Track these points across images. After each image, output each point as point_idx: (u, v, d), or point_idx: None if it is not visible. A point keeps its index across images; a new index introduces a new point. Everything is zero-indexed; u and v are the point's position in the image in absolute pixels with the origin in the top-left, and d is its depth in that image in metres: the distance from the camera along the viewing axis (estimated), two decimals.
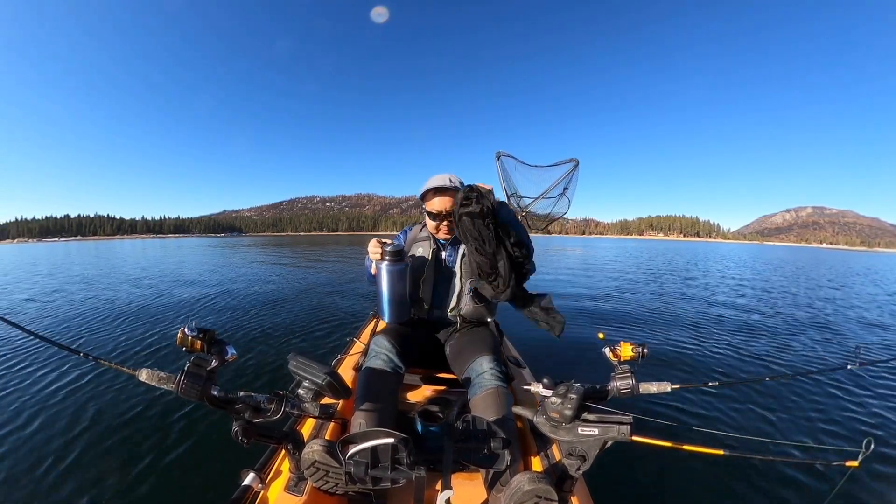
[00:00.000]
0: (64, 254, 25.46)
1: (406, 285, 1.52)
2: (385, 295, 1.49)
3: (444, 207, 1.56)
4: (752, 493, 1.96)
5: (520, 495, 0.89)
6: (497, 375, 1.35)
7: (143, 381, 0.92)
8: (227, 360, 0.96)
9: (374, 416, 1.22)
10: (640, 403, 2.61)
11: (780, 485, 2.00)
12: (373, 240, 1.52)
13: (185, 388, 0.88)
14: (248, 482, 1.06)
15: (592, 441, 0.91)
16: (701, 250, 35.01)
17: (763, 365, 3.90)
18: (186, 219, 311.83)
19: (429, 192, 1.58)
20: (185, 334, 0.92)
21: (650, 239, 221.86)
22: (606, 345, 1.05)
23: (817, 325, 5.78)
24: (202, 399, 0.91)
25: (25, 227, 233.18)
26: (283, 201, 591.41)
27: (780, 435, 2.50)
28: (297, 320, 5.27)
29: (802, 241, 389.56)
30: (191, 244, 43.52)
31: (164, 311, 5.84)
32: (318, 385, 1.00)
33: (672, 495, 1.96)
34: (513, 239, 1.30)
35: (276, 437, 1.03)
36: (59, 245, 61.24)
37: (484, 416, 1.22)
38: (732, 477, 2.06)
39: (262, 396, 0.97)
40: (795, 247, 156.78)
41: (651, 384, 1.01)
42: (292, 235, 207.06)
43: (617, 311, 6.35)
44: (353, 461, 0.91)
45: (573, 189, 2.23)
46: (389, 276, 1.46)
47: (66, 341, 4.30)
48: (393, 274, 1.45)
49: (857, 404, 2.94)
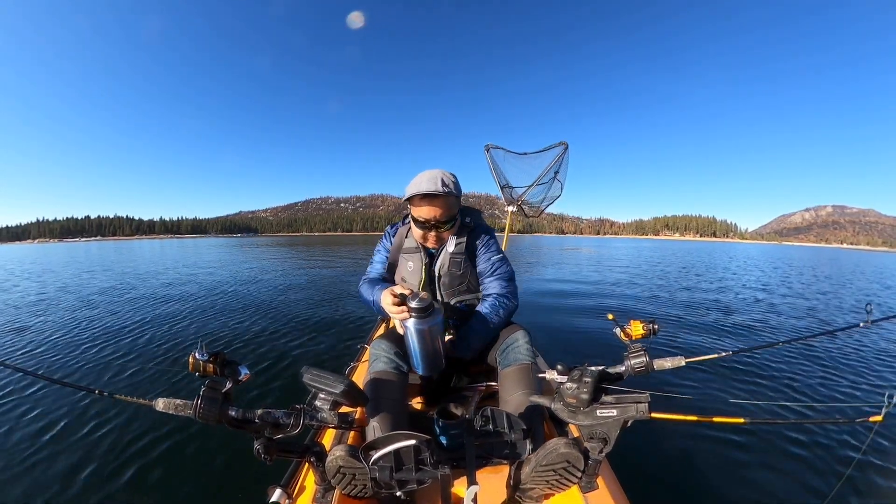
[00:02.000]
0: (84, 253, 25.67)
1: (441, 337, 1.29)
2: (418, 353, 1.28)
3: (434, 216, 1.37)
4: (779, 457, 1.95)
5: (554, 455, 0.91)
6: (530, 351, 1.36)
7: (160, 411, 0.92)
8: (241, 380, 0.96)
9: (386, 420, 1.21)
10: (655, 381, 2.60)
11: (806, 447, 2.00)
12: (385, 292, 1.27)
13: (203, 413, 0.88)
14: (276, 499, 1.06)
15: (612, 422, 0.91)
16: (716, 251, 34.03)
17: (775, 331, 3.89)
18: (203, 219, 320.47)
19: (415, 197, 1.37)
20: (195, 359, 0.92)
21: (665, 239, 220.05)
22: (616, 325, 1.05)
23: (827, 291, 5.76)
24: (221, 422, 0.91)
25: (47, 228, 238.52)
26: (298, 202, 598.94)
27: (799, 398, 2.50)
28: (306, 330, 5.26)
29: (822, 242, 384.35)
30: (207, 244, 43.92)
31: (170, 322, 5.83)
32: (334, 395, 1.00)
33: (697, 468, 1.96)
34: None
35: (298, 451, 1.03)
36: (80, 245, 61.39)
37: (515, 388, 1.24)
38: (757, 444, 2.05)
39: (280, 412, 0.97)
40: (814, 247, 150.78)
41: (665, 360, 1.01)
42: (307, 236, 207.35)
43: (625, 295, 6.34)
44: (377, 466, 0.92)
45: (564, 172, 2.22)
46: (420, 336, 1.23)
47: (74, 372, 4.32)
48: (424, 333, 1.22)
49: (872, 361, 2.93)
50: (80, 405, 3.33)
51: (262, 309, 7.12)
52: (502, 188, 3.69)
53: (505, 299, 1.46)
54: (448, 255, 1.47)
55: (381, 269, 1.62)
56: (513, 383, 1.27)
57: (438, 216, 1.38)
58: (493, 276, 1.50)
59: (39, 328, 5.53)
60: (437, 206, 1.37)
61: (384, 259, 1.63)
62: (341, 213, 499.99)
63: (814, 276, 7.52)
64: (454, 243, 1.48)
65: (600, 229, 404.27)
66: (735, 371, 2.88)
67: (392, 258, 1.60)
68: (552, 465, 0.92)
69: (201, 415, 0.88)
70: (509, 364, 1.34)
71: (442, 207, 1.38)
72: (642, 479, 1.85)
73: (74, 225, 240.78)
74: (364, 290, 1.56)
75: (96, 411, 3.17)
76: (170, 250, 25.78)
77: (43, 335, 5.26)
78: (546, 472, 0.93)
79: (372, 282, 1.57)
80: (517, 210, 3.73)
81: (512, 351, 1.37)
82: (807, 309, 4.75)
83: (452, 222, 1.46)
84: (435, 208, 1.37)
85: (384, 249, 1.64)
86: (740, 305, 5.13)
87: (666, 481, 1.91)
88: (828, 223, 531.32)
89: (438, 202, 1.37)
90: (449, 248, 1.48)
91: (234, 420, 0.93)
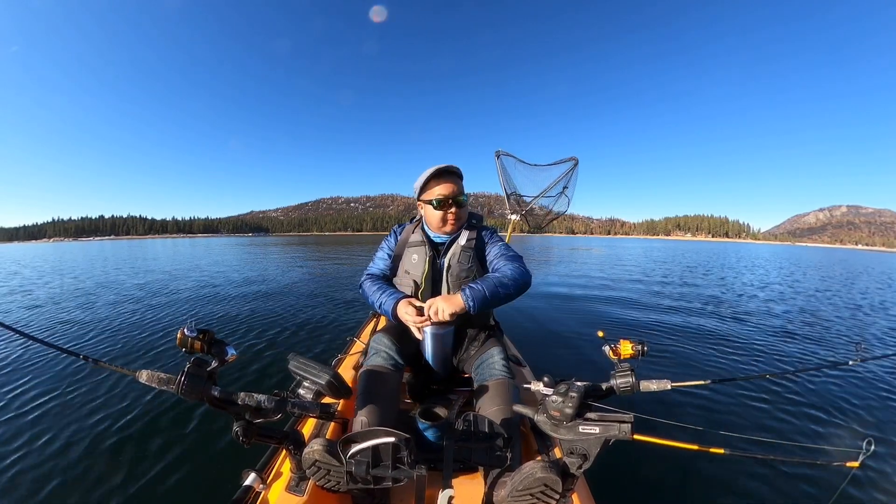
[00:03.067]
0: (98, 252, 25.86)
1: (452, 340, 1.47)
2: (431, 357, 1.46)
3: (451, 191, 1.47)
4: (753, 492, 1.96)
5: (531, 480, 0.90)
6: (506, 367, 1.38)
7: (143, 383, 0.91)
8: (227, 360, 0.96)
9: (375, 416, 1.21)
10: (641, 402, 2.61)
11: (780, 484, 2.00)
12: (403, 302, 1.38)
13: (186, 390, 0.88)
14: (250, 482, 1.06)
15: (593, 439, 0.91)
16: (726, 252, 33.15)
17: (764, 362, 3.90)
18: (215, 219, 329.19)
19: (430, 179, 1.47)
20: (184, 335, 0.92)
21: (676, 239, 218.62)
22: (606, 343, 1.05)
23: (820, 322, 5.79)
24: (202, 399, 0.91)
25: (62, 227, 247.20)
26: (309, 202, 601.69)
27: (780, 433, 2.51)
28: (297, 320, 5.27)
29: (836, 242, 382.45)
30: (219, 243, 44.24)
31: (168, 308, 5.83)
32: (318, 385, 1.00)
33: (672, 494, 1.96)
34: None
35: (276, 437, 1.03)
36: (94, 244, 61.89)
37: (490, 405, 1.24)
38: (733, 476, 2.06)
39: (262, 396, 0.97)
40: (828, 248, 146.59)
41: (651, 382, 1.01)
42: (317, 235, 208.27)
43: (617, 310, 6.35)
44: (354, 460, 0.91)
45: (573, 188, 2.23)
46: (435, 341, 1.40)
47: (63, 342, 4.30)
48: (438, 338, 1.39)
49: (857, 402, 2.94)
50: (65, 369, 3.32)
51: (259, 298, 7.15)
52: (508, 195, 3.69)
53: (518, 266, 1.45)
54: (460, 247, 1.53)
55: (382, 266, 1.64)
56: (487, 399, 1.27)
57: (455, 191, 1.48)
58: (501, 259, 1.52)
59: (92, 318, 5.53)
60: (452, 182, 1.48)
61: (386, 256, 1.65)
62: (351, 212, 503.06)
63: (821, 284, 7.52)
64: (466, 237, 1.55)
65: (611, 229, 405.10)
66: (719, 399, 2.88)
67: (397, 252, 1.63)
68: (529, 489, 0.92)
69: (184, 391, 0.88)
70: (485, 380, 1.34)
71: (456, 184, 1.49)
72: (616, 499, 1.85)
73: (89, 224, 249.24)
74: (367, 287, 1.56)
75: (80, 377, 3.17)
76: (183, 248, 26.24)
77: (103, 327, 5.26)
78: (523, 497, 0.93)
79: (375, 279, 1.59)
80: (521, 219, 3.74)
81: (488, 367, 1.39)
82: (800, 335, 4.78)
83: (465, 202, 1.53)
84: (451, 184, 1.47)
85: (388, 247, 1.67)
86: (732, 327, 5.15)
87: (640, 503, 1.91)
88: (842, 223, 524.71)
89: (453, 178, 1.48)
90: (461, 241, 1.54)
91: (216, 399, 0.93)
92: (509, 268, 1.44)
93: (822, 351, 4.36)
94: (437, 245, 1.56)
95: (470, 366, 1.51)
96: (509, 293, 1.36)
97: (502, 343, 1.52)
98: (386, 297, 1.44)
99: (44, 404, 2.73)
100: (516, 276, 1.40)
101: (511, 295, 1.37)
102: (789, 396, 2.98)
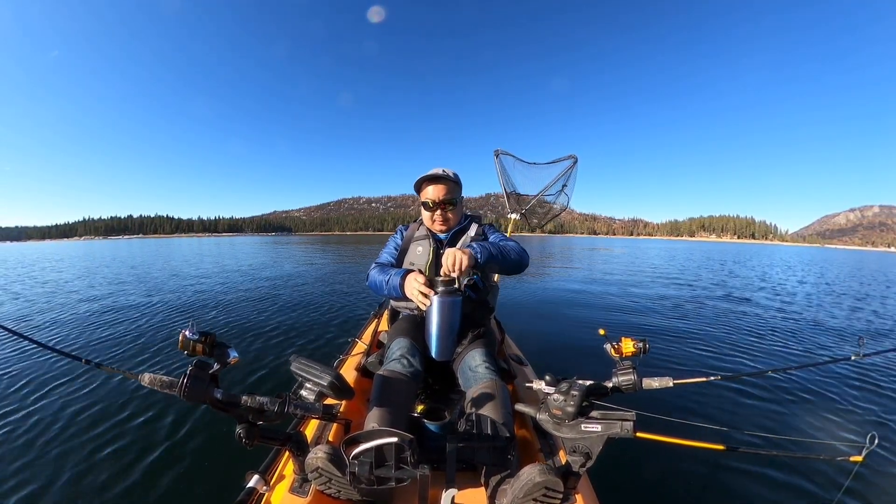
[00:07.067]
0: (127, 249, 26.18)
1: (459, 317, 1.40)
2: (435, 331, 1.36)
3: (438, 196, 1.59)
4: (757, 487, 1.96)
5: (530, 486, 0.90)
6: (489, 368, 1.35)
7: (145, 386, 0.92)
8: (229, 362, 0.96)
9: (388, 421, 1.19)
10: (642, 399, 2.58)
11: (784, 480, 2.00)
12: (412, 275, 1.41)
13: (188, 393, 0.88)
14: (253, 484, 1.06)
15: (596, 438, 0.91)
16: (750, 254, 31.59)
17: (766, 358, 3.90)
18: (239, 219, 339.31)
19: (423, 181, 1.62)
20: (186, 338, 0.92)
21: (701, 241, 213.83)
22: (608, 341, 1.05)
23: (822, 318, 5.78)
24: (205, 402, 0.91)
25: (92, 226, 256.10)
26: (331, 202, 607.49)
27: (783, 429, 2.50)
28: (299, 321, 5.27)
29: (868, 244, 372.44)
30: (243, 241, 44.74)
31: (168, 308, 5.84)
32: (321, 386, 1.00)
33: (675, 491, 1.96)
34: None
35: (279, 438, 1.03)
36: (123, 242, 62.45)
37: (481, 409, 1.23)
38: (737, 471, 2.05)
39: (265, 398, 0.97)
40: (858, 250, 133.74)
41: (653, 380, 1.01)
42: (339, 235, 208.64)
43: (618, 308, 6.35)
44: (357, 461, 0.91)
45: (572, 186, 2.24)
46: (443, 309, 1.34)
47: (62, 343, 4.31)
48: (446, 305, 1.34)
49: (860, 396, 2.94)
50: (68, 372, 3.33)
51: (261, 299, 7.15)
52: (508, 195, 3.69)
53: (518, 245, 1.60)
54: (469, 238, 1.66)
55: (389, 258, 1.73)
56: (479, 404, 1.25)
57: (442, 196, 1.60)
58: (502, 241, 1.65)
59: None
60: (441, 185, 1.60)
61: (393, 249, 1.76)
62: (372, 212, 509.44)
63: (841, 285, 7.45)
64: (475, 230, 1.69)
65: (633, 230, 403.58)
66: (721, 395, 2.88)
67: (403, 247, 1.74)
68: (530, 495, 0.91)
69: (186, 394, 0.88)
70: (470, 386, 1.33)
71: (446, 188, 1.60)
72: (620, 496, 1.85)
73: (118, 223, 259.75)
74: (375, 272, 1.63)
75: (82, 381, 3.17)
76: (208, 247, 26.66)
77: None
78: (526, 503, 0.92)
79: (382, 266, 1.68)
80: (520, 218, 3.74)
81: (473, 374, 1.37)
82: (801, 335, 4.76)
83: (454, 205, 1.65)
84: (439, 189, 1.60)
85: (394, 243, 1.79)
86: (738, 324, 5.14)
87: (644, 500, 1.91)
88: (874, 224, 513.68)
89: (442, 183, 1.60)
90: (470, 233, 1.68)
91: (218, 402, 0.93)
92: (511, 243, 1.60)
93: (826, 347, 4.36)
94: (440, 240, 1.68)
95: (456, 364, 1.48)
96: (511, 259, 1.50)
97: (486, 341, 1.50)
98: (394, 273, 1.51)
99: (45, 407, 2.73)
100: (518, 249, 1.56)
101: (512, 261, 1.51)
102: (792, 392, 2.98)
